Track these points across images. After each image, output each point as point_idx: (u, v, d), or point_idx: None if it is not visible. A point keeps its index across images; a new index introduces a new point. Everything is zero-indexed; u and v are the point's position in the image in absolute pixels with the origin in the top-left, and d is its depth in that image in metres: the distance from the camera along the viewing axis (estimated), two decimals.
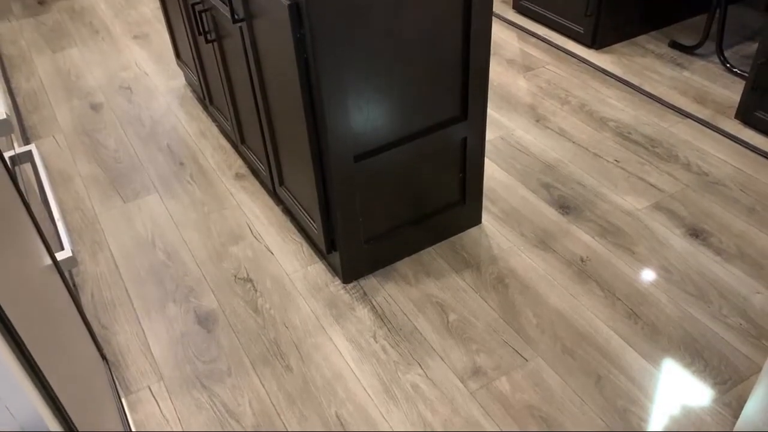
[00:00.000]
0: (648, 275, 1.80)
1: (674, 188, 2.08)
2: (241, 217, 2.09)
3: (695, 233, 1.92)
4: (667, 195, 2.05)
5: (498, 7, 3.22)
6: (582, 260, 1.85)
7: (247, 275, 1.89)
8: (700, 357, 1.59)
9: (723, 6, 2.54)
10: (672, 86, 2.54)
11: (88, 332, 1.38)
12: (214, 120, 2.53)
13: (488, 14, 1.59)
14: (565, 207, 2.04)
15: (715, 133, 2.29)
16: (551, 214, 2.01)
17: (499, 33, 3.00)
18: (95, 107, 2.68)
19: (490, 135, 2.36)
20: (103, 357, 1.57)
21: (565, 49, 2.84)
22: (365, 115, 1.57)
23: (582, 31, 2.81)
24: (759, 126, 2.26)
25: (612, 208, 2.02)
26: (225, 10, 1.77)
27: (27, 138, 2.51)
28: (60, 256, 1.21)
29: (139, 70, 2.91)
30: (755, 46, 2.71)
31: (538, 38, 2.94)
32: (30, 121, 2.62)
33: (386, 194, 1.75)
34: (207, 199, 2.17)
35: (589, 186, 2.11)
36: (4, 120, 1.06)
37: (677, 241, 1.89)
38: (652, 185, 2.09)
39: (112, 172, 2.33)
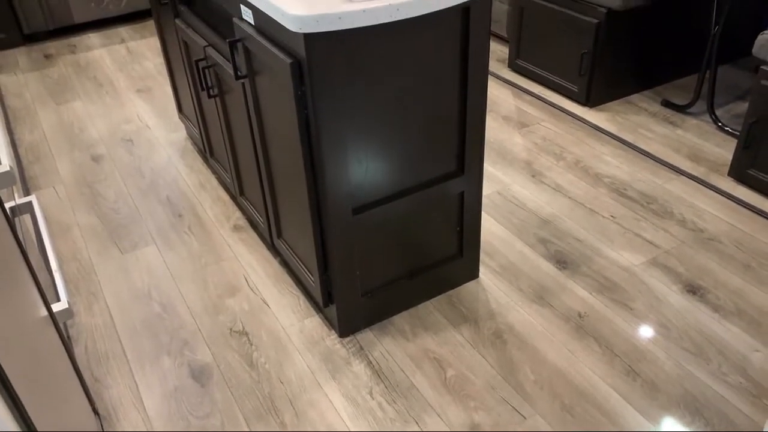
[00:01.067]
0: (646, 332, 1.79)
1: (670, 244, 2.09)
2: (238, 269, 2.09)
3: (692, 290, 1.92)
4: (663, 251, 2.06)
5: (494, 65, 3.30)
6: (580, 316, 1.85)
7: (243, 328, 1.87)
8: (700, 415, 1.57)
9: (713, 67, 2.61)
10: (665, 144, 2.59)
11: (81, 386, 1.36)
12: (214, 172, 2.56)
13: (484, 72, 1.63)
14: (562, 262, 2.04)
15: (710, 190, 2.32)
16: (548, 269, 2.02)
17: (494, 90, 3.07)
18: (96, 159, 2.71)
19: (487, 189, 2.39)
20: (95, 412, 1.54)
21: (559, 106, 2.90)
22: (364, 169, 1.59)
23: (576, 90, 2.88)
24: (752, 184, 2.29)
25: (609, 264, 2.02)
26: (228, 67, 1.81)
27: (27, 189, 2.52)
28: (56, 307, 1.21)
29: (141, 123, 2.95)
30: (746, 105, 2.78)
31: (533, 96, 3.00)
32: (31, 171, 2.64)
33: (384, 247, 1.76)
34: (204, 250, 2.17)
35: (586, 241, 2.12)
36: (7, 172, 1.07)
37: (675, 298, 1.89)
38: (648, 241, 2.11)
39: (111, 223, 2.33)
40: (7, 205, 1.38)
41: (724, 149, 2.53)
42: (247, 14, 1.59)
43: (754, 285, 1.92)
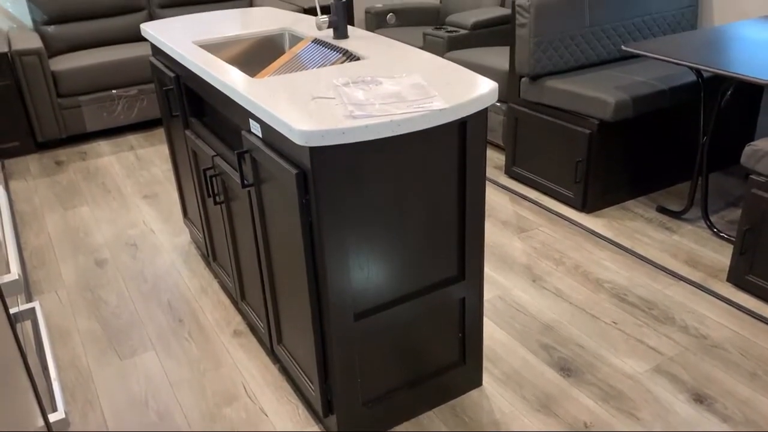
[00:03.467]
0: None
1: (674, 351, 2.07)
2: (237, 377, 2.05)
3: (699, 398, 1.88)
4: (667, 358, 2.04)
5: (491, 172, 3.39)
6: (586, 426, 1.80)
7: None
8: None
9: (704, 175, 2.68)
10: (663, 249, 2.62)
11: None
12: (216, 276, 2.57)
13: (482, 181, 1.69)
14: (566, 369, 2.01)
15: (710, 296, 2.32)
16: (552, 376, 1.99)
17: (493, 196, 3.14)
18: (100, 263, 2.73)
19: (488, 294, 2.40)
20: None
21: (557, 212, 2.96)
22: (366, 274, 1.61)
23: (572, 196, 2.95)
24: (752, 290, 2.30)
25: (613, 371, 2.00)
26: (235, 176, 1.88)
27: (30, 293, 2.53)
28: (53, 417, 1.19)
29: (146, 228, 3.00)
30: (739, 211, 2.83)
31: (530, 201, 3.07)
32: (35, 276, 2.66)
33: (385, 354, 1.74)
34: (204, 357, 2.15)
35: (589, 348, 2.10)
36: (15, 281, 1.09)
37: (681, 407, 1.85)
38: (651, 348, 2.09)
39: (111, 328, 2.32)
40: (11, 311, 1.39)
41: (721, 255, 2.56)
42: (256, 128, 1.67)
43: (762, 394, 1.89)
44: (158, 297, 2.48)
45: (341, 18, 2.09)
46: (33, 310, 1.48)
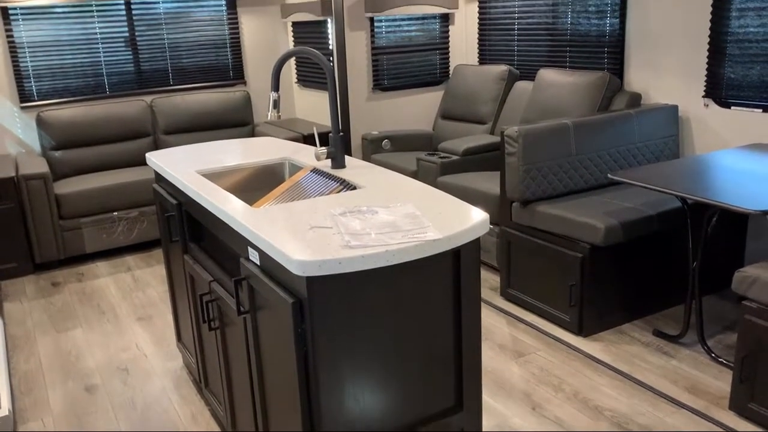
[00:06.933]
0: None
1: None
2: None
3: None
4: None
5: (486, 294, 3.41)
6: None
7: None
8: None
9: (698, 299, 2.70)
10: (662, 375, 2.58)
11: None
12: (208, 404, 2.51)
13: (477, 307, 1.70)
14: None
15: (713, 425, 2.27)
16: None
17: (489, 318, 3.13)
18: (90, 389, 2.67)
19: (487, 423, 2.33)
20: None
21: (554, 335, 2.94)
22: (361, 406, 1.58)
23: (568, 320, 2.95)
24: (755, 418, 2.25)
25: None
26: (231, 302, 1.89)
27: (15, 422, 2.45)
28: None
29: (139, 352, 2.96)
30: (735, 335, 2.82)
31: (527, 324, 3.06)
32: (21, 403, 2.58)
33: None
34: None
35: None
36: (5, 416, 1.08)
37: None
38: None
39: None
40: None
41: (721, 381, 2.52)
42: (254, 255, 1.70)
43: None
44: (147, 425, 2.41)
45: (339, 150, 2.19)
46: None
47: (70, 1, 4.32)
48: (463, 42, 4.86)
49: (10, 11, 4.22)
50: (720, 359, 2.65)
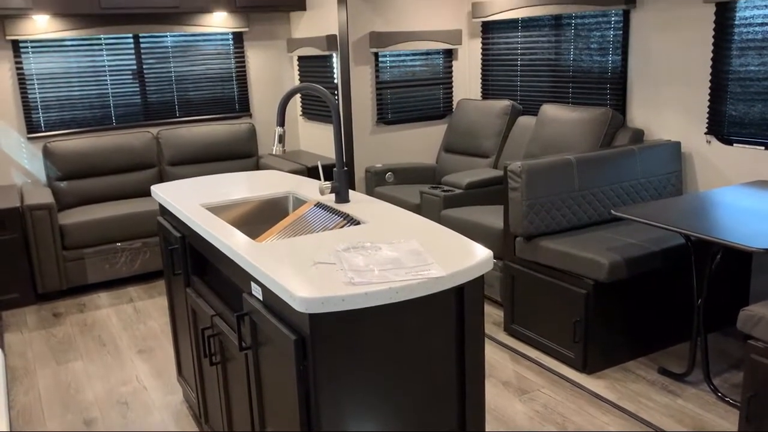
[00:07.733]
0: None
1: None
2: None
3: None
4: None
5: (490, 329, 3.38)
6: None
7: None
8: None
9: (703, 336, 2.68)
10: (668, 414, 2.55)
11: None
12: None
13: (480, 344, 1.69)
14: None
15: None
16: None
17: (492, 354, 3.11)
18: (88, 423, 2.64)
19: None
20: None
21: (558, 372, 2.91)
22: None
23: (572, 356, 2.92)
24: None
25: None
26: (233, 337, 1.88)
27: None
28: None
29: (139, 385, 2.93)
30: (741, 374, 2.79)
31: (530, 360, 3.03)
32: None
33: None
34: None
35: None
36: None
37: None
38: None
39: None
40: None
41: (727, 421, 2.48)
42: (257, 290, 1.70)
43: None
44: None
45: (343, 184, 2.20)
46: None
47: (80, 34, 4.39)
48: (467, 77, 4.92)
49: (21, 44, 4.29)
50: (726, 398, 2.61)
